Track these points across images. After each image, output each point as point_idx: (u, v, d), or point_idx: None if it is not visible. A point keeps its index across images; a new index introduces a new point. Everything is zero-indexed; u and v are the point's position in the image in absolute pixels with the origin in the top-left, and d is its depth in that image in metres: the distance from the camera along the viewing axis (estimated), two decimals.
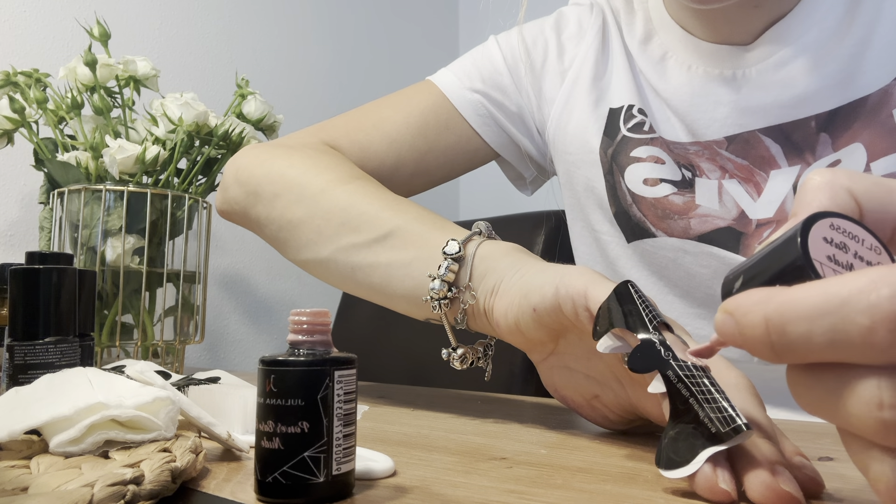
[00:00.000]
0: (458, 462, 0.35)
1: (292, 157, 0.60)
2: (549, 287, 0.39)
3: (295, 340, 0.29)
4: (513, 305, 0.41)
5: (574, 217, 0.69)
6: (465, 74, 0.69)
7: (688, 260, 0.58)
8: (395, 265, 0.49)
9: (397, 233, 0.50)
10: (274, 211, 0.57)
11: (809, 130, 0.56)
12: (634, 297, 0.33)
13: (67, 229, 0.76)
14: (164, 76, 0.91)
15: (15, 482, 0.27)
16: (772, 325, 0.20)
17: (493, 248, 0.46)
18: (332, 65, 1.53)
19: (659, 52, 0.64)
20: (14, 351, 0.46)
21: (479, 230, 0.47)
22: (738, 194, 0.57)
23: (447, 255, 0.45)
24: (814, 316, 0.19)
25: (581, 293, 0.37)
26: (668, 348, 0.30)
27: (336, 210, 0.53)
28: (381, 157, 0.66)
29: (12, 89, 0.82)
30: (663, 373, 0.30)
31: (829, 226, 0.22)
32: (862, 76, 0.54)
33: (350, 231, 0.52)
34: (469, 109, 0.68)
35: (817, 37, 0.56)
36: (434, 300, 0.46)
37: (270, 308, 1.36)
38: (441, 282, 0.45)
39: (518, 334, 0.42)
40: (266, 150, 0.62)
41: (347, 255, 0.52)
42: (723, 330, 0.22)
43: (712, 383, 0.29)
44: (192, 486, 0.30)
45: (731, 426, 0.27)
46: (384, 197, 0.54)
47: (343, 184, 0.55)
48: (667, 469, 0.28)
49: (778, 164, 0.57)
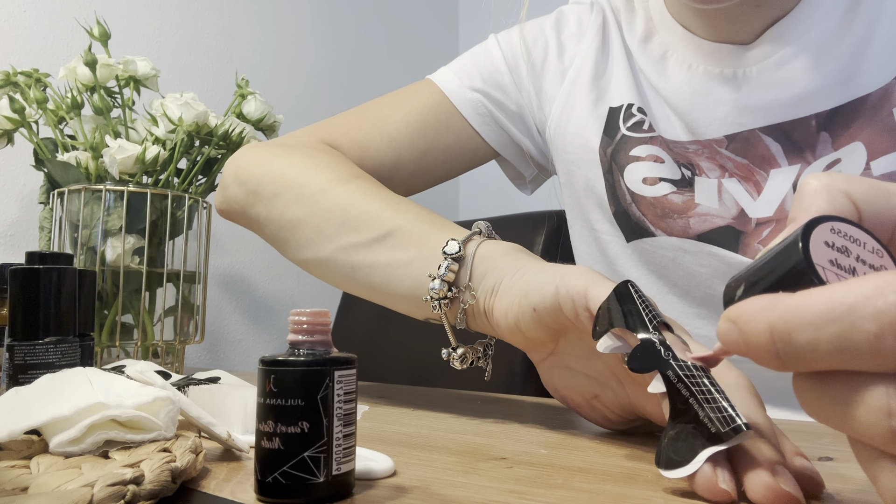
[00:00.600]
0: (458, 462, 0.35)
1: (292, 156, 0.60)
2: (549, 287, 0.39)
3: (295, 340, 0.29)
4: (513, 305, 0.41)
5: (574, 216, 0.69)
6: (465, 73, 0.69)
7: (687, 259, 0.58)
8: (394, 265, 0.49)
9: (397, 232, 0.49)
10: (274, 210, 0.57)
11: (810, 129, 0.56)
12: (634, 296, 0.33)
13: (67, 229, 0.76)
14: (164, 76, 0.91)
15: (15, 482, 0.27)
16: (777, 333, 0.20)
17: (494, 247, 0.46)
18: (331, 65, 1.53)
19: (659, 50, 0.64)
20: (14, 351, 0.46)
21: (480, 230, 0.47)
22: (737, 193, 0.57)
23: (447, 255, 0.45)
24: (820, 323, 0.19)
25: (581, 293, 0.37)
26: (667, 348, 0.30)
27: (336, 209, 0.53)
28: (380, 155, 0.66)
29: (12, 89, 0.82)
30: (663, 373, 0.30)
31: (829, 230, 0.21)
32: (862, 75, 0.54)
33: (350, 230, 0.51)
34: (469, 108, 0.68)
35: (818, 36, 0.56)
36: (434, 300, 0.46)
37: (270, 308, 1.36)
38: (441, 281, 0.45)
39: (518, 334, 0.42)
40: (266, 149, 0.62)
41: (347, 255, 0.52)
42: (726, 339, 0.22)
43: (712, 383, 0.29)
44: (192, 486, 0.30)
45: (731, 426, 0.27)
46: (384, 196, 0.54)
47: (343, 183, 0.55)
48: (667, 469, 0.28)
49: (778, 163, 0.57)
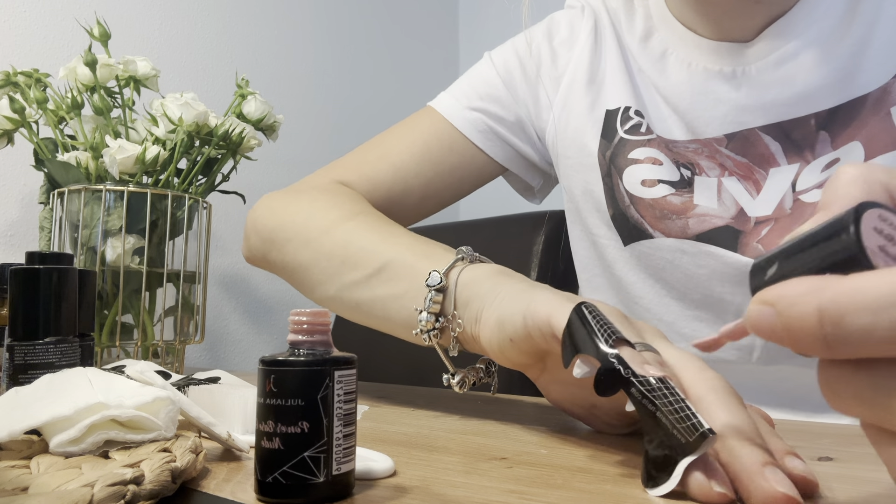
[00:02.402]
0: (458, 462, 0.35)
1: (300, 202, 0.64)
2: (518, 317, 0.39)
3: (295, 340, 0.29)
4: (494, 335, 0.42)
5: (573, 220, 0.69)
6: (462, 94, 0.71)
7: (685, 260, 0.58)
8: (390, 298, 0.51)
9: (391, 265, 0.51)
10: (287, 256, 0.61)
11: (809, 128, 0.56)
12: (589, 318, 0.33)
13: (67, 229, 0.76)
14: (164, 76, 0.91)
15: (15, 482, 0.27)
16: (827, 316, 0.19)
17: (475, 272, 0.46)
18: (331, 65, 1.53)
19: (659, 48, 0.64)
20: (14, 351, 0.46)
21: (462, 255, 0.48)
22: (737, 192, 0.57)
23: (430, 287, 0.46)
24: (878, 307, 0.18)
25: (545, 322, 0.37)
26: (626, 366, 0.30)
27: (337, 249, 0.56)
28: (388, 185, 0.68)
29: (12, 89, 0.82)
30: (627, 391, 0.30)
31: (878, 216, 0.20)
32: (862, 74, 0.54)
33: (350, 268, 0.54)
34: (470, 128, 0.69)
35: (818, 34, 0.56)
36: (424, 332, 0.47)
37: (270, 308, 1.36)
38: (427, 314, 0.46)
39: (506, 359, 0.43)
40: (278, 199, 0.66)
41: (351, 292, 0.54)
42: (759, 321, 0.21)
43: (672, 393, 0.28)
44: (192, 486, 0.30)
45: (698, 432, 0.27)
46: (381, 229, 0.56)
47: (344, 221, 0.58)
48: (651, 488, 0.28)
49: (777, 162, 0.57)
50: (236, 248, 1.31)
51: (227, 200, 1.11)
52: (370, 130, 1.65)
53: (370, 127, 1.62)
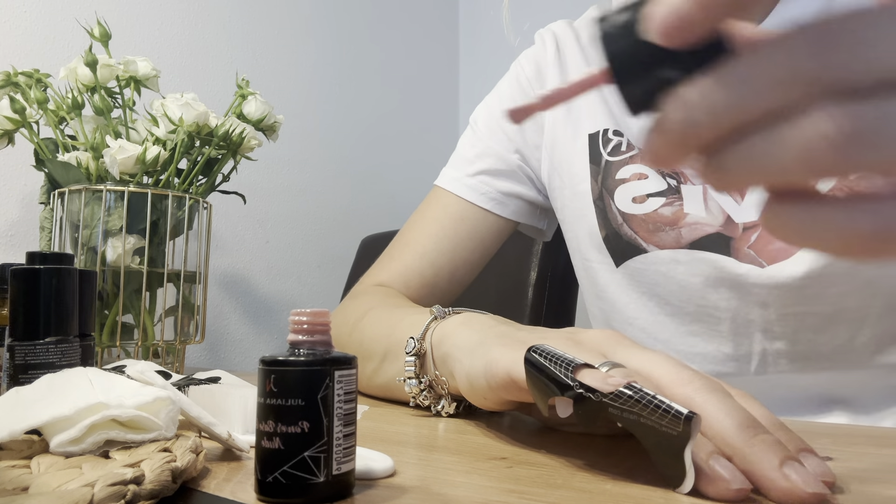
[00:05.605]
0: (458, 462, 0.35)
1: (339, 311, 0.69)
2: (482, 381, 0.39)
3: (295, 340, 0.29)
4: (469, 392, 0.42)
5: (573, 249, 0.72)
6: (461, 163, 0.75)
7: (680, 270, 0.59)
8: (395, 376, 0.53)
9: (392, 349, 0.53)
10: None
11: None
12: (542, 361, 0.33)
13: (68, 229, 0.76)
14: (164, 76, 0.91)
15: (15, 482, 0.27)
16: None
17: (444, 329, 0.47)
18: (332, 65, 1.53)
19: None
20: (14, 351, 0.46)
21: (434, 315, 0.49)
22: (722, 199, 0.58)
23: (408, 355, 0.48)
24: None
25: (507, 380, 0.37)
26: (593, 391, 0.30)
27: (355, 346, 0.59)
28: (419, 273, 0.72)
29: (13, 89, 0.82)
30: (606, 413, 0.30)
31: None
32: None
33: (366, 360, 0.57)
34: (473, 194, 0.73)
35: None
36: (416, 397, 0.49)
37: (270, 308, 1.36)
38: (410, 380, 0.48)
39: (495, 408, 0.43)
40: (336, 311, 0.70)
41: (372, 381, 0.57)
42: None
43: (644, 395, 0.29)
44: (193, 485, 0.31)
45: (682, 420, 0.27)
46: (388, 318, 0.58)
47: (359, 321, 0.62)
48: (675, 487, 0.29)
49: None
50: (236, 248, 1.31)
51: (227, 200, 1.11)
52: (370, 130, 1.65)
53: (370, 127, 1.62)
